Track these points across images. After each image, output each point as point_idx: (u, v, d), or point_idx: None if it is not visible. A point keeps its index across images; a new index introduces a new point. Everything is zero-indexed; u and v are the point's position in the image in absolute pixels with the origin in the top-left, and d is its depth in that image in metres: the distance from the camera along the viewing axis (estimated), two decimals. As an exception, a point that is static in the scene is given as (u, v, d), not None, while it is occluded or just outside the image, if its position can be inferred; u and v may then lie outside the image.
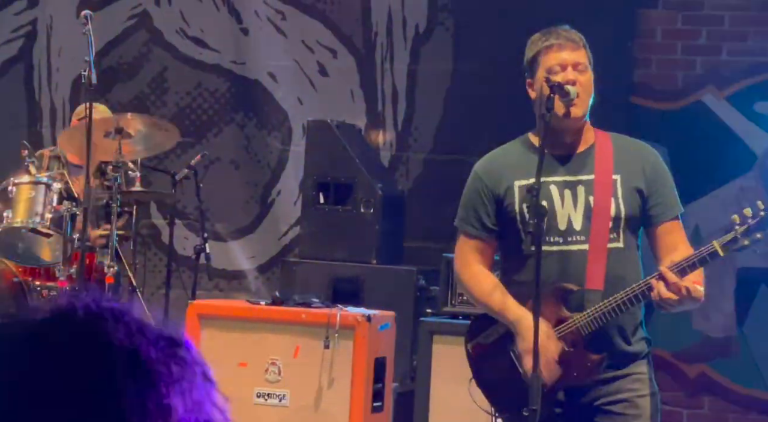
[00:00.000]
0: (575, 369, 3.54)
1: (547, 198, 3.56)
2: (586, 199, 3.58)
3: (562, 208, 3.59)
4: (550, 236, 3.55)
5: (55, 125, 7.68)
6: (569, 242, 3.57)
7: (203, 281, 7.07)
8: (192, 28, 7.62)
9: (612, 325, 3.54)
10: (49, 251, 5.95)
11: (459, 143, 7.06)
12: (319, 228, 6.57)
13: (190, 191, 6.81)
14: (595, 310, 3.51)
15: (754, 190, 6.92)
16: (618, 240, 3.59)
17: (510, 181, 3.63)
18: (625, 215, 3.59)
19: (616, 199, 3.59)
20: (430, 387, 5.43)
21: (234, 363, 5.30)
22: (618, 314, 3.50)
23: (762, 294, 6.86)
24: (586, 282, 3.53)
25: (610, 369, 3.58)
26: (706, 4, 7.03)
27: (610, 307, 3.50)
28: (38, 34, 7.72)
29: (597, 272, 3.53)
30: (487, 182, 3.66)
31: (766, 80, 6.95)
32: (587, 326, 3.52)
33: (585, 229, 3.56)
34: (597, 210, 3.57)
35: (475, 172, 3.73)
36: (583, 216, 3.58)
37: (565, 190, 3.60)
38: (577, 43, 3.62)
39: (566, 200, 3.59)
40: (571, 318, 3.54)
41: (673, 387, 6.90)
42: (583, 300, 3.54)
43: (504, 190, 3.63)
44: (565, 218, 3.58)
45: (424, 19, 7.39)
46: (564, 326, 3.55)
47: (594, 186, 3.59)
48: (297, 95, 7.53)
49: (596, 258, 3.53)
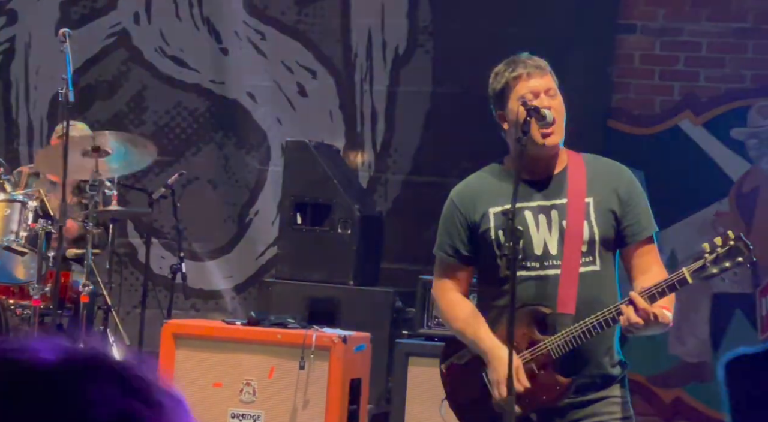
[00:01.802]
0: (545, 392, 3.54)
1: (522, 223, 3.57)
2: (559, 223, 3.59)
3: (537, 233, 3.59)
4: (528, 261, 3.56)
5: (32, 143, 7.65)
6: (545, 266, 3.57)
7: (179, 300, 7.05)
8: (171, 47, 7.61)
9: (584, 348, 3.55)
10: (24, 269, 5.91)
11: (438, 165, 7.07)
12: (296, 249, 6.56)
13: (168, 210, 6.79)
14: (566, 333, 3.52)
15: (730, 215, 6.95)
16: (594, 263, 3.59)
17: (485, 208, 3.63)
18: (600, 237, 3.59)
19: (589, 221, 3.59)
20: (405, 409, 5.41)
21: (209, 383, 5.27)
22: (589, 337, 3.51)
23: (737, 319, 6.88)
24: (558, 306, 3.54)
25: (582, 393, 3.58)
26: (684, 31, 7.09)
27: (581, 331, 3.51)
28: (16, 51, 7.70)
29: (569, 296, 3.54)
30: (462, 209, 3.67)
31: (742, 106, 7.00)
32: (558, 349, 3.53)
33: (560, 253, 3.57)
34: (569, 234, 3.57)
35: (450, 199, 3.74)
36: (557, 240, 3.58)
37: (540, 215, 3.60)
38: (543, 69, 3.63)
39: (541, 225, 3.60)
40: (542, 340, 3.55)
41: (649, 412, 6.91)
42: (555, 323, 3.55)
43: (479, 216, 3.64)
44: (541, 243, 3.59)
45: (404, 41, 7.42)
46: (536, 348, 3.56)
47: (567, 210, 3.59)
48: (276, 115, 7.53)
49: (568, 282, 3.54)
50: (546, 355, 3.54)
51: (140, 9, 7.61)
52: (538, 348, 3.56)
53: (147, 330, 6.56)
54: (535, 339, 3.56)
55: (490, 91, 3.66)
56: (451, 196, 3.75)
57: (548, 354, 3.53)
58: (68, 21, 7.37)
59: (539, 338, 3.56)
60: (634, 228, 3.62)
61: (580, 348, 3.53)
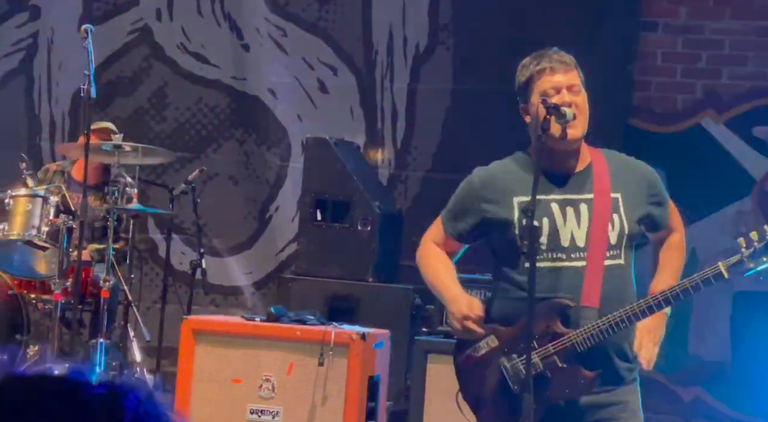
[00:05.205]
0: (568, 386, 3.53)
1: (548, 215, 3.57)
2: (588, 216, 3.59)
3: (564, 225, 3.59)
4: (554, 252, 3.56)
5: (54, 138, 7.68)
6: (572, 258, 3.58)
7: (199, 296, 7.06)
8: (193, 44, 7.63)
9: (609, 342, 3.54)
10: (45, 264, 5.94)
11: (458, 162, 7.03)
12: (316, 246, 6.56)
13: (188, 206, 6.81)
14: (592, 327, 3.51)
15: (752, 214, 6.92)
16: (619, 257, 3.60)
17: (508, 196, 3.63)
18: (628, 232, 3.60)
19: (619, 216, 3.60)
20: (423, 407, 5.41)
21: (228, 379, 5.29)
22: (615, 332, 3.51)
23: (758, 318, 6.85)
24: (582, 300, 3.54)
25: (604, 386, 3.58)
26: (706, 28, 7.05)
27: (607, 325, 3.50)
28: (39, 48, 7.73)
29: (593, 289, 3.54)
30: (481, 192, 3.67)
31: (765, 105, 6.97)
32: (583, 343, 3.52)
33: (586, 246, 3.58)
34: (596, 227, 3.58)
35: (472, 178, 3.73)
36: (585, 233, 3.58)
37: (567, 208, 3.60)
38: (569, 65, 3.62)
39: (569, 217, 3.60)
40: (566, 333, 3.54)
41: (669, 411, 6.89)
42: (579, 317, 3.54)
43: (500, 205, 3.63)
44: (568, 234, 3.59)
45: (424, 38, 7.41)
46: (559, 342, 3.55)
47: (594, 204, 3.60)
48: (296, 112, 7.54)
49: (593, 276, 3.54)
50: (569, 349, 3.53)
51: (162, 5, 7.63)
52: (561, 342, 3.55)
53: (167, 326, 6.58)
54: (559, 331, 3.55)
55: (516, 82, 3.66)
56: (473, 176, 3.74)
57: (572, 347, 3.53)
58: (90, 17, 7.40)
59: (563, 330, 3.55)
60: (665, 220, 3.73)
61: (604, 342, 3.53)
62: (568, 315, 3.55)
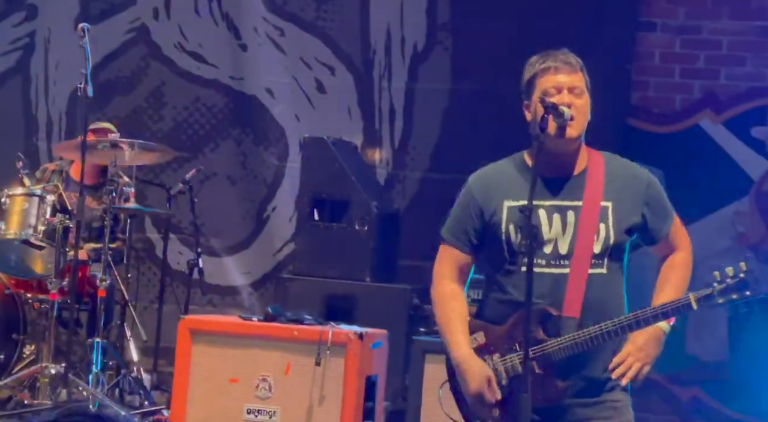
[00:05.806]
0: (540, 393, 3.53)
1: (534, 220, 3.55)
2: (575, 224, 3.57)
3: (549, 232, 3.58)
4: (536, 258, 3.54)
5: (51, 138, 7.68)
6: (552, 265, 3.55)
7: (196, 296, 7.06)
8: (190, 43, 7.62)
9: (588, 352, 3.53)
10: (42, 263, 5.93)
11: (456, 162, 7.03)
12: (313, 245, 6.56)
13: (185, 206, 6.80)
14: (571, 338, 3.50)
15: (750, 214, 6.92)
16: (602, 266, 3.57)
17: (499, 199, 3.62)
18: (614, 242, 3.57)
19: (606, 225, 3.57)
20: (421, 406, 5.40)
21: (225, 378, 5.28)
22: (593, 345, 3.50)
23: (755, 320, 6.84)
24: (564, 308, 3.53)
25: (581, 396, 3.56)
26: (704, 29, 7.05)
27: (587, 337, 3.50)
28: (36, 47, 7.72)
29: (575, 298, 3.52)
30: (479, 198, 3.66)
31: (763, 105, 6.97)
32: (560, 352, 3.52)
33: (570, 254, 3.55)
34: (581, 236, 3.55)
35: (468, 186, 3.72)
36: (569, 241, 3.56)
37: (554, 215, 3.58)
38: (574, 67, 3.60)
39: (554, 224, 3.58)
40: (546, 341, 3.53)
41: (666, 411, 6.89)
42: (560, 326, 3.53)
43: (493, 208, 3.63)
44: (551, 242, 3.57)
45: (422, 38, 7.41)
46: (538, 348, 3.54)
47: (581, 212, 3.57)
48: (294, 111, 7.53)
49: (575, 285, 3.53)
50: (547, 357, 3.53)
51: (159, 4, 7.62)
52: (540, 348, 3.54)
53: (164, 326, 6.58)
54: (540, 338, 3.55)
55: (522, 80, 3.65)
56: (469, 183, 3.73)
57: (549, 355, 3.53)
58: (87, 16, 7.39)
59: (543, 338, 3.55)
60: (656, 229, 3.65)
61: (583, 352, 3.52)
62: (549, 323, 3.54)
